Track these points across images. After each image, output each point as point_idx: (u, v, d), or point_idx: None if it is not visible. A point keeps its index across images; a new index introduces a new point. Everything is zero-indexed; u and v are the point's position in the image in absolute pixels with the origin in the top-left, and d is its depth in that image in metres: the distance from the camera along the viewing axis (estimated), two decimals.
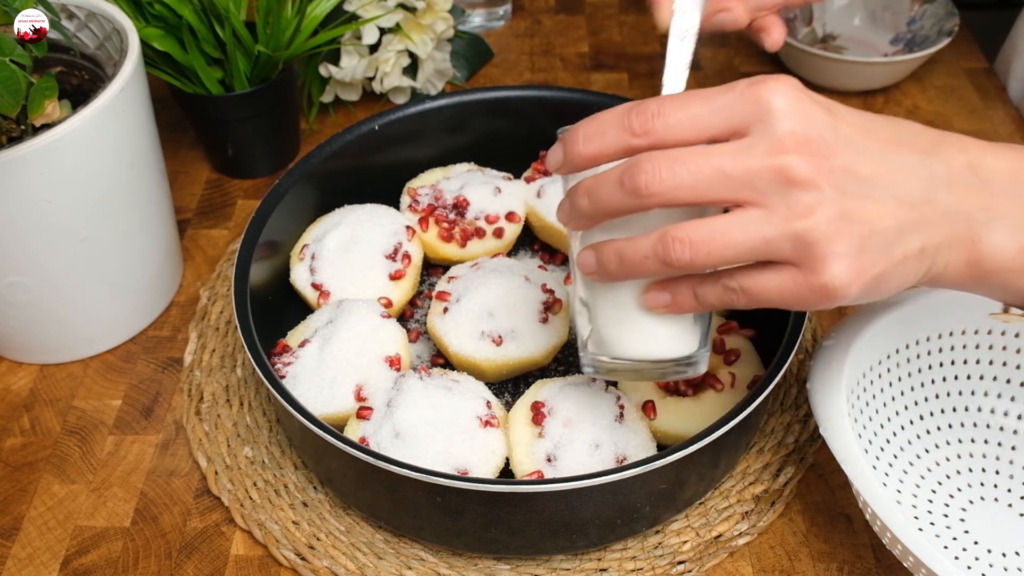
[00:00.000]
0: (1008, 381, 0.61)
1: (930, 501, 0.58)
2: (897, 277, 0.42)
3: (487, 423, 0.58)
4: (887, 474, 0.59)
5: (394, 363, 0.62)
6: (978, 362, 0.62)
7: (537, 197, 0.73)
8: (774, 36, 0.68)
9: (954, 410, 0.62)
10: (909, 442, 0.61)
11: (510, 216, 0.72)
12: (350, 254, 0.68)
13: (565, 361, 0.67)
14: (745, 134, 0.40)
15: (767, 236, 0.40)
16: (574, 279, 0.50)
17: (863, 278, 0.41)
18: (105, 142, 0.61)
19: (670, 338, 0.47)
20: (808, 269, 0.40)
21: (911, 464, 0.60)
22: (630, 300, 0.46)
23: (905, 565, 0.49)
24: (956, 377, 0.62)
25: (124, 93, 0.62)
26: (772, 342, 0.58)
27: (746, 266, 0.43)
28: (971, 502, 0.58)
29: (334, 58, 0.87)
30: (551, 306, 0.65)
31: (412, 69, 0.90)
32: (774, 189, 0.39)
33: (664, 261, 0.42)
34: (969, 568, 0.55)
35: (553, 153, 0.44)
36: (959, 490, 0.59)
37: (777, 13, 0.69)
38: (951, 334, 0.61)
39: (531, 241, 0.76)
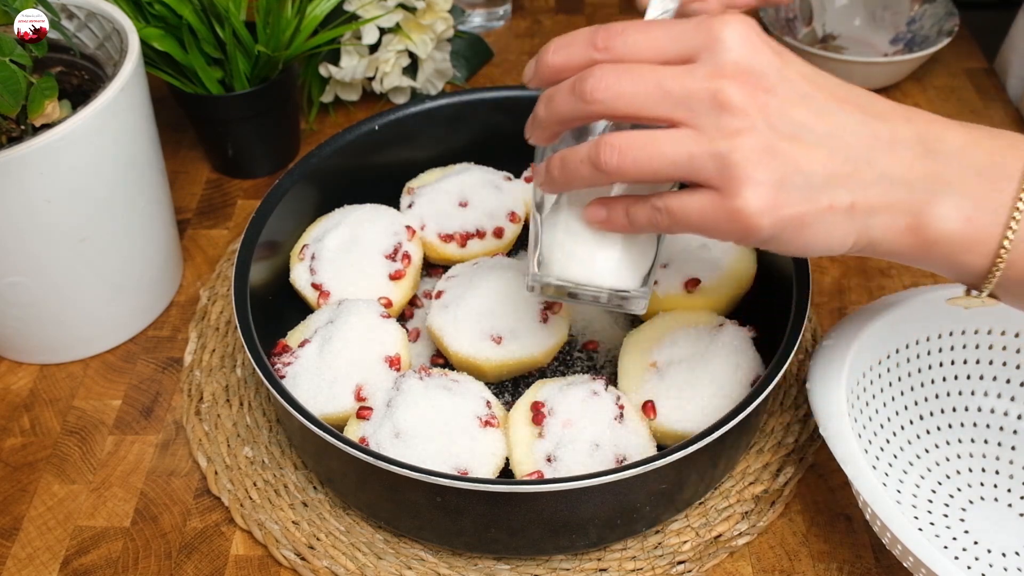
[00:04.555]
0: (1008, 381, 0.61)
1: (930, 501, 0.58)
2: (822, 228, 0.42)
3: (487, 423, 0.58)
4: (887, 474, 0.59)
5: (394, 363, 0.62)
6: (978, 362, 0.62)
7: None
8: None
9: (954, 410, 0.62)
10: (909, 442, 0.61)
11: (510, 216, 0.72)
12: (350, 254, 0.68)
13: (565, 361, 0.67)
14: (695, 61, 0.42)
15: (692, 152, 0.41)
16: (532, 215, 0.54)
17: (778, 212, 0.41)
18: (105, 142, 0.61)
19: (610, 267, 0.50)
20: (726, 192, 0.41)
21: (911, 464, 0.60)
22: (574, 224, 0.50)
23: (905, 565, 0.49)
24: (956, 377, 0.62)
25: (124, 93, 0.62)
26: (772, 342, 0.58)
27: (674, 191, 0.45)
28: (971, 502, 0.58)
29: (334, 58, 0.87)
30: (551, 306, 0.65)
31: (412, 69, 0.90)
32: (707, 111, 0.41)
33: (595, 164, 0.44)
34: (969, 568, 0.55)
35: (529, 66, 0.47)
36: (959, 490, 0.59)
37: (747, 12, 0.70)
38: (951, 334, 0.61)
39: None
